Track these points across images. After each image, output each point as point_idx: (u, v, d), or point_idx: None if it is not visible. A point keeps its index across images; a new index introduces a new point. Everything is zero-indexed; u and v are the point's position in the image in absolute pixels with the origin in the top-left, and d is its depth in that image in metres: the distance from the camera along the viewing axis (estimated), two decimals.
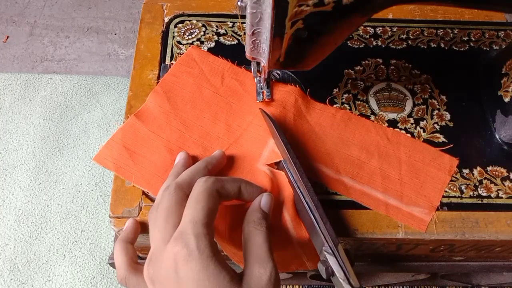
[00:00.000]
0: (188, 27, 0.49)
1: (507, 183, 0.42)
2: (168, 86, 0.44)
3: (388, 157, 0.42)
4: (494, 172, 0.42)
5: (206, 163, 0.37)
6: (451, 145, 0.43)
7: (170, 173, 0.38)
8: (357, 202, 0.40)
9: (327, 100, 0.45)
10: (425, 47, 0.50)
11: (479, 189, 0.41)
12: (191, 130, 0.42)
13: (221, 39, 0.49)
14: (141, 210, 0.39)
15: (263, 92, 0.43)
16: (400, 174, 0.41)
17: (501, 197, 0.41)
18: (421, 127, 0.44)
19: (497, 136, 0.44)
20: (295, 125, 0.43)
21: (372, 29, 0.50)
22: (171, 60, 0.47)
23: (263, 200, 0.36)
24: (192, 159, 0.40)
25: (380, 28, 0.51)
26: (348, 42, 0.49)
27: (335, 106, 0.45)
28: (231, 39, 0.49)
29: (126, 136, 0.41)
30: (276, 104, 0.44)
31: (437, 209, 0.40)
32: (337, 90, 0.46)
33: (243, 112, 0.43)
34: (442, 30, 0.51)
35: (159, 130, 0.42)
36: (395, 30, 0.51)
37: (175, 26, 0.49)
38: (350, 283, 0.32)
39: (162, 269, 0.30)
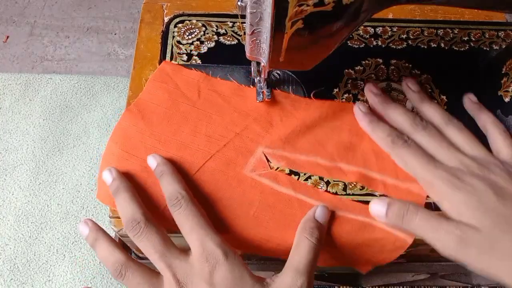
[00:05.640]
0: (188, 27, 0.49)
1: None
2: (143, 104, 0.43)
3: None
4: None
5: (169, 174, 0.38)
6: None
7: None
8: (356, 201, 0.40)
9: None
10: (425, 47, 0.50)
11: None
12: (168, 145, 0.41)
13: (221, 39, 0.49)
14: None
15: (263, 92, 0.43)
16: None
17: None
18: None
19: None
20: (284, 125, 0.43)
21: (372, 29, 0.50)
22: (170, 60, 0.47)
23: (318, 211, 0.36)
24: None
25: (380, 28, 0.51)
26: (348, 42, 0.49)
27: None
28: (231, 39, 0.49)
29: (108, 164, 0.40)
30: (263, 122, 0.43)
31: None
32: (337, 90, 0.46)
33: (225, 123, 0.42)
34: (442, 30, 0.51)
35: (133, 150, 0.40)
36: (395, 30, 0.51)
37: (175, 26, 0.49)
38: None
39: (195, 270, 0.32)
